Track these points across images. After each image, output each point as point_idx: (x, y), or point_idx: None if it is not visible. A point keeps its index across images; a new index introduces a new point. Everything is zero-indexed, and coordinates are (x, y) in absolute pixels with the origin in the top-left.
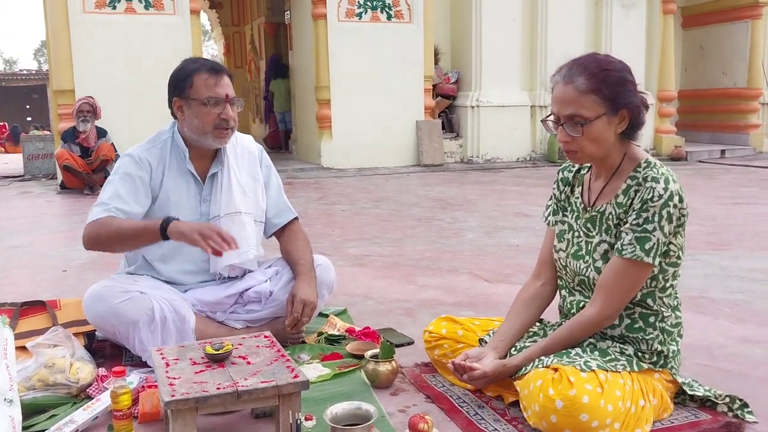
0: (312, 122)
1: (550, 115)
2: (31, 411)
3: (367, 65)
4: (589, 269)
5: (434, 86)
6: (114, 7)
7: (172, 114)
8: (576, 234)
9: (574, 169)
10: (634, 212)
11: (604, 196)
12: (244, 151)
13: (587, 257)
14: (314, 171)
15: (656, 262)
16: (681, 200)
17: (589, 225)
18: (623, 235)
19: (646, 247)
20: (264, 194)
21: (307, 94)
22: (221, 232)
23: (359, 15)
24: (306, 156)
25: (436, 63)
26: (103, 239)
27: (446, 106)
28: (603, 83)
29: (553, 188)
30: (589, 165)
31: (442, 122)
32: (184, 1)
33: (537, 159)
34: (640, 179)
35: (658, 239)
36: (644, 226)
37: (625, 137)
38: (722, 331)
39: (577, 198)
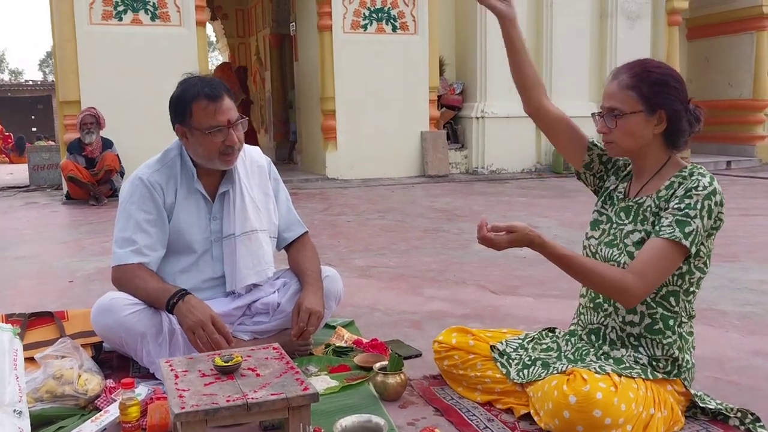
0: (317, 133)
1: (600, 109)
2: (39, 422)
3: (372, 76)
4: (622, 255)
5: (439, 97)
6: (120, 19)
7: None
8: (612, 226)
9: (628, 169)
10: (677, 198)
11: (644, 192)
12: (253, 165)
13: (620, 244)
14: (319, 182)
15: (693, 250)
16: (722, 203)
17: (622, 213)
18: (662, 219)
19: (686, 230)
20: (276, 209)
21: (312, 105)
22: (215, 336)
23: (364, 27)
24: (311, 167)
25: (441, 74)
26: (127, 290)
27: (451, 117)
28: (643, 82)
29: (619, 162)
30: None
31: (447, 133)
32: (190, 13)
33: (542, 170)
34: (686, 174)
35: (697, 227)
36: (686, 210)
37: (667, 142)
38: (733, 344)
39: (619, 193)
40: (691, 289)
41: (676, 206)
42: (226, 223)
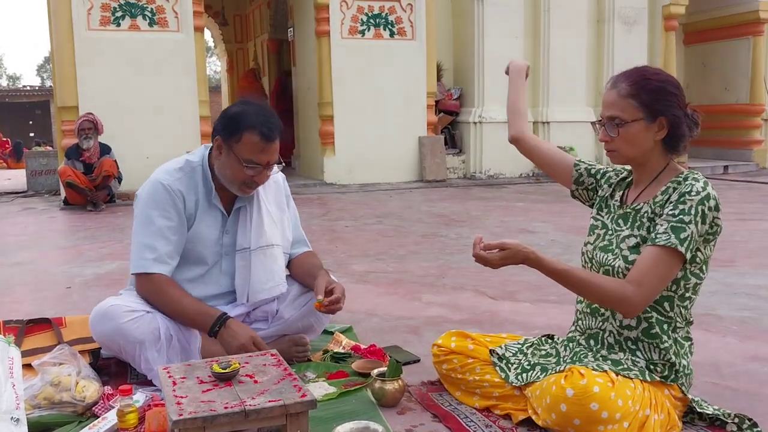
0: (315, 138)
1: (600, 118)
2: (37, 430)
3: (370, 82)
4: (617, 259)
5: (437, 102)
6: (118, 24)
7: (212, 141)
8: (608, 232)
9: (620, 177)
10: (671, 204)
11: (642, 198)
12: (270, 180)
13: (616, 249)
14: (317, 187)
15: (688, 256)
16: (717, 209)
17: (620, 220)
18: (657, 226)
19: (681, 236)
20: (289, 224)
21: (310, 111)
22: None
23: (362, 32)
24: (309, 172)
25: (438, 79)
26: (156, 304)
27: (449, 122)
28: (642, 90)
29: (609, 172)
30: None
31: (445, 138)
32: (188, 18)
33: (540, 175)
34: (681, 179)
35: (692, 233)
36: (680, 216)
37: (667, 148)
38: (730, 349)
39: (616, 201)
40: (687, 294)
41: (670, 212)
42: (241, 236)
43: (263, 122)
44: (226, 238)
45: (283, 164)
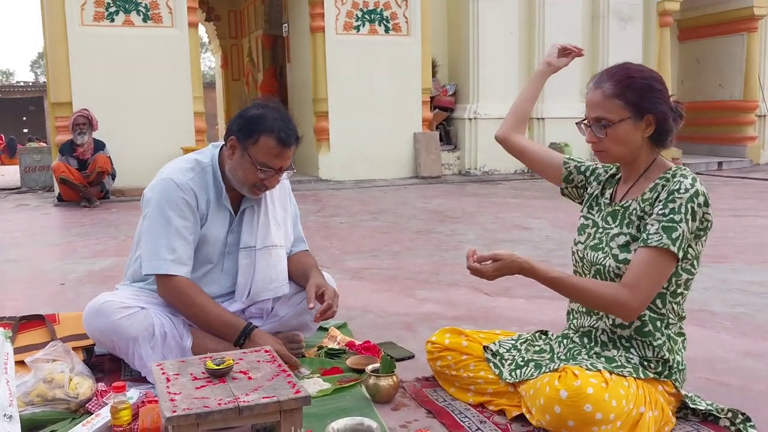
0: (310, 134)
1: (585, 119)
2: (30, 427)
3: (365, 78)
4: (607, 258)
5: (432, 98)
6: (112, 20)
7: (225, 140)
8: (599, 230)
9: (609, 174)
10: (660, 203)
11: (630, 194)
12: None
13: (606, 248)
14: (312, 183)
15: (680, 255)
16: (706, 204)
17: (609, 218)
18: (648, 226)
19: (673, 236)
20: (291, 224)
21: (305, 107)
22: (288, 358)
23: (357, 28)
24: (304, 168)
25: (433, 75)
26: (179, 309)
27: (444, 118)
28: (628, 89)
29: (598, 169)
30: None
31: (440, 134)
32: (182, 14)
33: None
34: (669, 176)
35: (683, 231)
36: (670, 216)
37: (655, 143)
38: (723, 345)
39: (606, 199)
40: (679, 290)
41: (660, 212)
42: (246, 235)
43: (281, 127)
44: (231, 238)
45: (294, 170)
